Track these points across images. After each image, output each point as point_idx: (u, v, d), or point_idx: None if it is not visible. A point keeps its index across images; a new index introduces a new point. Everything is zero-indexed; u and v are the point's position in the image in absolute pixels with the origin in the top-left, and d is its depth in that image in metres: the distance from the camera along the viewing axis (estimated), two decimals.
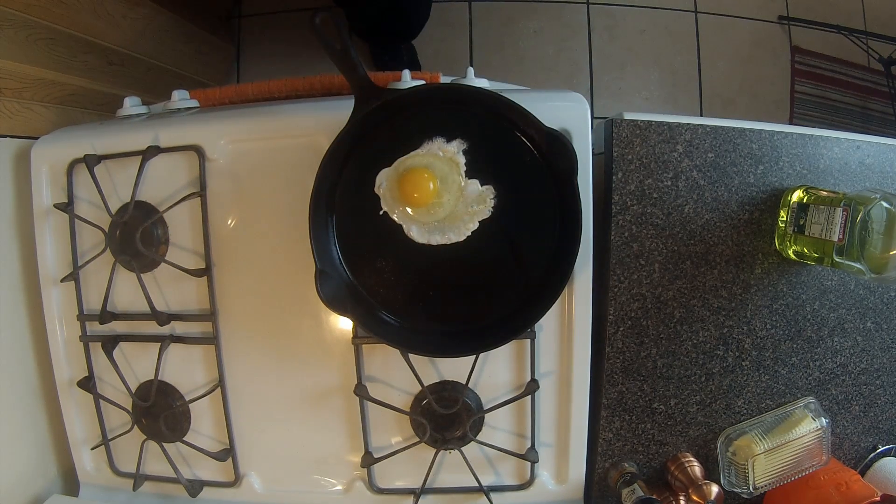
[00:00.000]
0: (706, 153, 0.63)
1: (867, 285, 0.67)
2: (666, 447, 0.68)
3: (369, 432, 0.65)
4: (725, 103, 1.46)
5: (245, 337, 0.65)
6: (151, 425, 0.67)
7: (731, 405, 0.67)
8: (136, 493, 0.69)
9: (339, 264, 0.59)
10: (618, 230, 0.63)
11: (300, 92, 0.64)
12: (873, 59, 1.49)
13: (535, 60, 1.43)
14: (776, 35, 1.49)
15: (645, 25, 1.44)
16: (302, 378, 0.66)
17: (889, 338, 0.69)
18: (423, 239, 0.58)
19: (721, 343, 0.66)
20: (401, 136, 0.57)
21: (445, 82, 0.63)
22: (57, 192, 0.67)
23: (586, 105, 0.61)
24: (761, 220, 0.64)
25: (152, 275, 0.66)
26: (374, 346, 0.63)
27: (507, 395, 0.63)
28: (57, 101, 0.80)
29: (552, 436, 0.66)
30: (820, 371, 0.68)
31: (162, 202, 0.65)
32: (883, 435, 0.71)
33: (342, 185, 0.58)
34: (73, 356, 0.69)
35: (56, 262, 0.68)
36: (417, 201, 0.56)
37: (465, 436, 0.63)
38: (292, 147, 0.61)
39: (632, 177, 0.63)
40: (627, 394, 0.66)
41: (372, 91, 0.55)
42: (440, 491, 0.67)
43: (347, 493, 0.67)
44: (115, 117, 0.70)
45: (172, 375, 0.67)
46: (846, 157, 0.65)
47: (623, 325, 0.65)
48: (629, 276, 0.64)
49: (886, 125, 1.51)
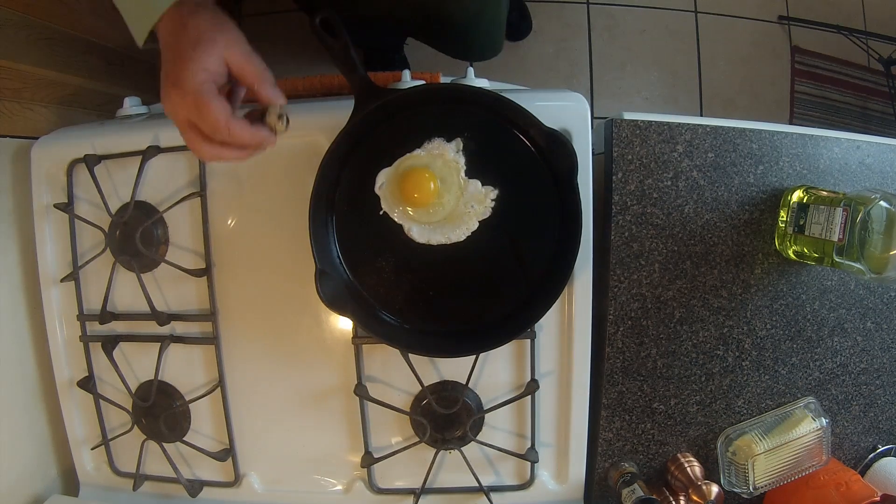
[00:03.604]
0: (706, 153, 0.63)
1: (867, 285, 0.67)
2: (666, 447, 0.68)
3: (369, 432, 0.65)
4: (725, 103, 1.46)
5: (245, 337, 0.65)
6: (151, 425, 0.67)
7: (731, 405, 0.67)
8: (136, 493, 0.69)
9: (339, 264, 0.59)
10: (618, 230, 0.63)
11: (300, 92, 0.64)
12: (873, 59, 1.49)
13: (535, 60, 1.42)
14: (776, 35, 1.48)
15: (645, 25, 1.44)
16: (302, 378, 0.66)
17: (889, 338, 0.69)
18: (423, 239, 0.58)
19: (721, 343, 0.66)
20: (401, 136, 0.57)
21: (445, 82, 0.63)
22: (57, 192, 0.67)
23: (586, 105, 0.61)
24: (761, 220, 0.64)
25: (152, 275, 0.66)
26: (374, 346, 0.63)
27: (508, 395, 0.63)
28: (57, 101, 0.80)
29: (552, 436, 0.66)
30: (820, 371, 0.68)
31: (162, 202, 0.65)
32: (883, 435, 0.71)
33: (342, 185, 0.58)
34: (73, 356, 0.69)
35: (56, 262, 0.68)
36: (418, 201, 0.56)
37: (465, 436, 0.63)
38: (292, 147, 0.61)
39: (632, 177, 0.63)
40: (627, 394, 0.66)
41: (372, 91, 0.55)
42: (440, 491, 0.67)
43: (347, 493, 0.67)
44: (115, 117, 0.70)
45: (172, 375, 0.67)
46: (846, 157, 0.65)
47: (623, 325, 0.65)
48: (629, 276, 0.64)
49: (886, 125, 1.51)
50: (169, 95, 0.45)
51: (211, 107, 0.44)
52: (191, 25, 0.45)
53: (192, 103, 0.44)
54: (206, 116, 0.44)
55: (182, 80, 0.44)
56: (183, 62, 0.44)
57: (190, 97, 0.44)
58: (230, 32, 0.46)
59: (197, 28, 0.45)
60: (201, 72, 0.44)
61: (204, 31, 0.45)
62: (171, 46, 0.45)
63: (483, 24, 0.76)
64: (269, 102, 0.48)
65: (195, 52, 0.44)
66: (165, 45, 0.46)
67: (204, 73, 0.44)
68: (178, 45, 0.45)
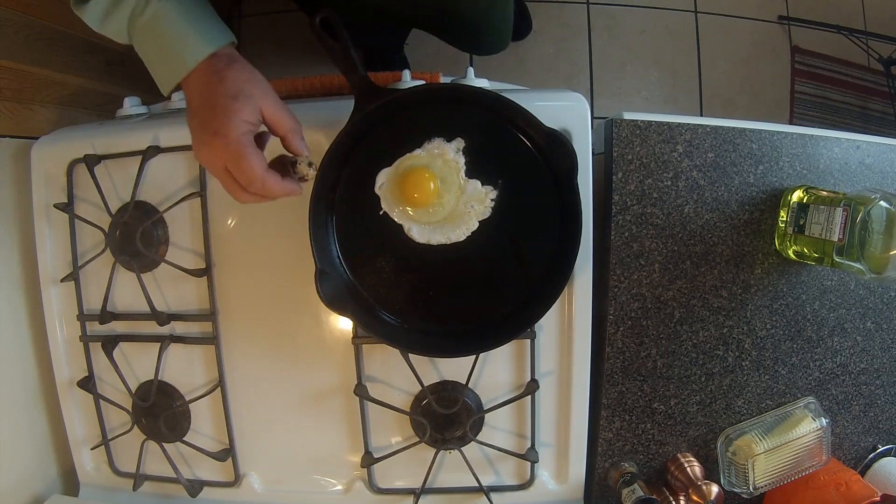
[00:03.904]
0: (706, 153, 0.63)
1: (867, 285, 0.67)
2: (666, 447, 0.68)
3: (369, 432, 0.65)
4: (725, 103, 1.46)
5: (245, 337, 0.65)
6: (151, 425, 0.67)
7: (731, 405, 0.67)
8: (136, 493, 0.69)
9: (339, 264, 0.59)
10: (618, 230, 0.63)
11: (300, 92, 0.64)
12: (873, 59, 1.49)
13: (535, 60, 1.42)
14: (776, 35, 1.48)
15: (645, 25, 1.44)
16: (302, 378, 0.66)
17: (889, 338, 0.69)
18: (423, 239, 0.58)
19: (721, 343, 0.66)
20: (401, 136, 0.57)
21: (445, 82, 0.63)
22: (57, 192, 0.67)
23: (586, 105, 0.61)
24: (761, 220, 0.64)
25: (152, 275, 0.66)
26: (374, 346, 0.63)
27: (507, 395, 0.63)
28: (57, 101, 0.80)
29: (552, 436, 0.66)
30: (820, 371, 0.68)
31: (162, 202, 0.65)
32: (883, 435, 0.71)
33: (342, 185, 0.58)
34: (73, 356, 0.69)
35: (56, 262, 0.68)
36: (418, 201, 0.56)
37: (465, 436, 0.63)
38: None
39: (632, 177, 0.63)
40: (627, 394, 0.66)
41: (372, 91, 0.55)
42: (440, 491, 0.67)
43: (347, 493, 0.67)
44: (115, 117, 0.70)
45: (172, 375, 0.67)
46: (846, 157, 0.65)
47: (623, 325, 0.65)
48: (629, 276, 0.64)
49: (886, 125, 1.51)
50: (210, 144, 0.46)
51: (250, 160, 0.46)
52: (229, 78, 0.46)
53: (234, 153, 0.46)
54: (244, 169, 0.46)
55: (226, 131, 0.45)
56: (225, 113, 0.45)
57: (233, 146, 0.45)
58: (264, 84, 0.48)
59: (235, 80, 0.46)
60: (243, 123, 0.46)
61: (242, 83, 0.46)
62: (207, 96, 0.46)
63: (493, 20, 0.76)
64: (298, 153, 0.51)
65: (236, 104, 0.45)
66: (199, 94, 0.47)
67: (245, 125, 0.46)
68: (214, 96, 0.46)
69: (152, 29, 0.46)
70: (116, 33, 0.48)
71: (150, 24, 0.46)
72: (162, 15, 0.46)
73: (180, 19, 0.46)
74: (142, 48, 0.48)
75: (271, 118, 0.48)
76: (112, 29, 0.48)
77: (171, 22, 0.46)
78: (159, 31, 0.46)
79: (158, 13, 0.46)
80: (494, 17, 0.76)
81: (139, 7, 0.46)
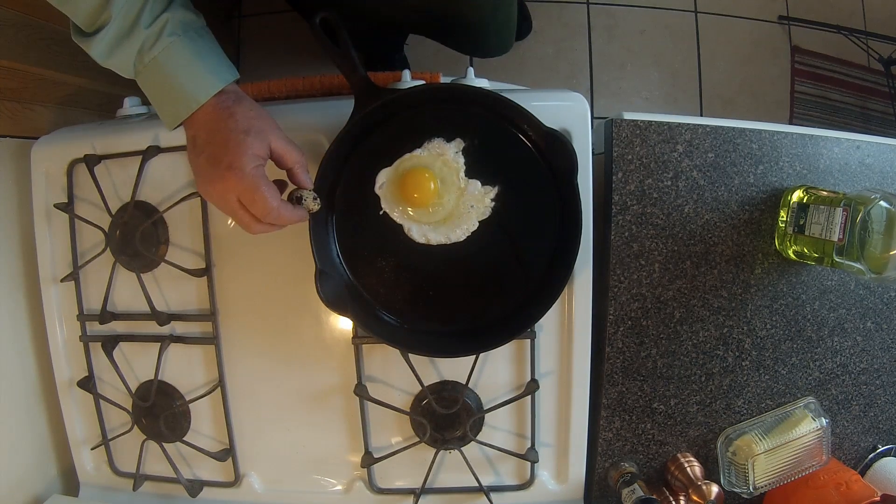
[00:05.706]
0: (706, 153, 0.63)
1: (867, 285, 0.67)
2: (666, 447, 0.68)
3: (369, 432, 0.65)
4: (725, 103, 1.46)
5: (245, 337, 0.65)
6: (151, 425, 0.67)
7: (731, 405, 0.67)
8: (136, 493, 0.69)
9: (339, 264, 0.59)
10: (618, 230, 0.63)
11: (300, 92, 0.64)
12: (873, 59, 1.49)
13: (535, 60, 1.42)
14: (776, 35, 1.48)
15: (645, 25, 1.44)
16: (302, 378, 0.66)
17: (889, 338, 0.69)
18: (423, 239, 0.58)
19: (721, 343, 0.66)
20: (401, 136, 0.57)
21: (445, 82, 0.63)
22: (57, 192, 0.67)
23: (586, 105, 0.61)
24: (761, 220, 0.64)
25: (152, 275, 0.66)
26: (374, 346, 0.63)
27: (507, 395, 0.63)
28: (57, 101, 0.80)
29: (552, 436, 0.66)
30: (820, 371, 0.68)
31: (162, 202, 0.65)
32: (883, 435, 0.71)
33: (342, 185, 0.58)
34: (73, 356, 0.69)
35: (56, 261, 0.68)
36: (418, 201, 0.57)
37: (465, 436, 0.63)
38: None
39: (632, 177, 0.63)
40: (627, 394, 0.66)
41: (372, 91, 0.55)
42: (440, 491, 0.67)
43: (347, 493, 0.67)
44: (115, 117, 0.70)
45: (172, 375, 0.67)
46: (846, 157, 0.65)
47: (623, 325, 0.65)
48: (629, 276, 0.64)
49: (886, 125, 1.51)
50: (224, 178, 0.47)
51: (265, 193, 0.47)
52: (239, 114, 0.47)
53: (249, 186, 0.46)
54: (259, 201, 0.47)
55: (241, 164, 0.46)
56: (238, 147, 0.46)
57: (248, 180, 0.46)
58: (270, 120, 0.50)
59: (245, 116, 0.48)
60: (255, 157, 0.47)
61: (252, 119, 0.48)
62: (217, 132, 0.47)
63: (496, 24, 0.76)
64: (303, 186, 0.52)
65: (248, 139, 0.47)
66: (206, 130, 0.48)
67: (257, 159, 0.47)
68: (225, 132, 0.47)
69: (162, 64, 0.46)
70: (122, 67, 0.48)
71: (161, 58, 0.46)
72: (173, 51, 0.46)
73: (191, 55, 0.47)
74: (148, 83, 0.48)
75: (279, 152, 0.50)
76: (118, 62, 0.48)
77: (182, 58, 0.46)
78: (170, 66, 0.46)
79: (170, 48, 0.46)
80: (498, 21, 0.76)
81: (149, 41, 0.46)
